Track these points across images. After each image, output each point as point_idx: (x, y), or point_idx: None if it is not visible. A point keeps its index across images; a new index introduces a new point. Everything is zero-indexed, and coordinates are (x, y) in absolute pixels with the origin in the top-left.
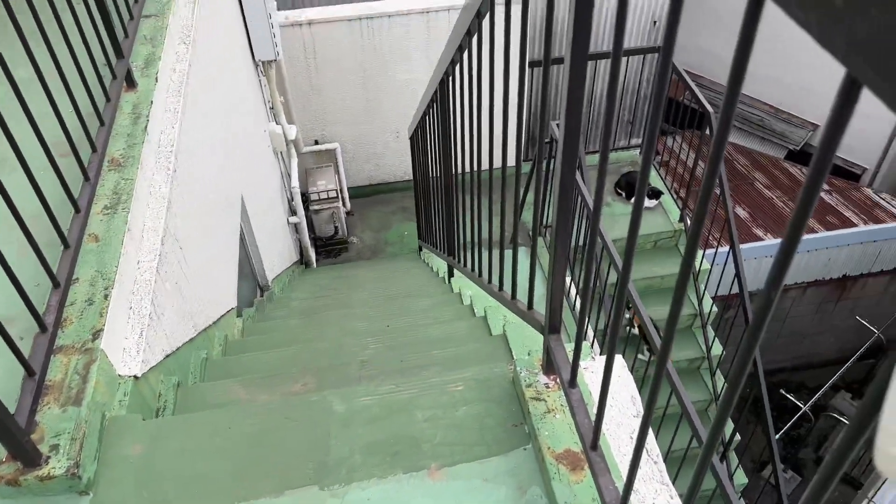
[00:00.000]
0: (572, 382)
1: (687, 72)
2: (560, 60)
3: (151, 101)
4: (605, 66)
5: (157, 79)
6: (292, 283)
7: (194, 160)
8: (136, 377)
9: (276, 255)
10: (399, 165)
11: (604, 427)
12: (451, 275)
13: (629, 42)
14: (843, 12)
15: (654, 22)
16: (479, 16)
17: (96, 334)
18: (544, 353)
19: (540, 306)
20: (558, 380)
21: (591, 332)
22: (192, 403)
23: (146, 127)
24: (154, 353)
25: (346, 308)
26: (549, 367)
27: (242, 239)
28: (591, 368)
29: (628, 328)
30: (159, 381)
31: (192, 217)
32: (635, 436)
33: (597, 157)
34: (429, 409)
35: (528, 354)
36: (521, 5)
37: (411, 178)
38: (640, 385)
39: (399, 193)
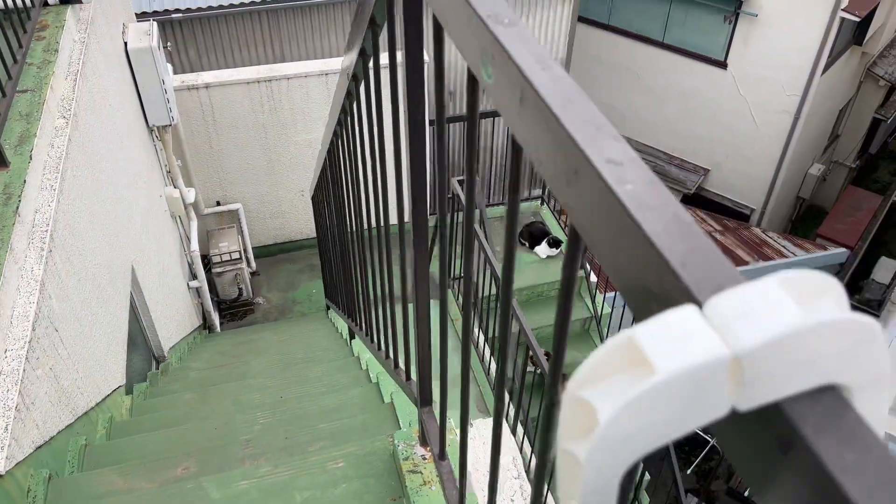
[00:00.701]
0: (441, 455)
1: None
2: (459, 118)
3: (24, 181)
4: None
5: (31, 157)
6: (192, 352)
7: (75, 236)
8: (0, 475)
9: (175, 323)
10: (305, 223)
11: (482, 493)
12: (352, 336)
13: None
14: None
15: None
16: (355, 78)
17: None
18: (419, 425)
19: (452, 353)
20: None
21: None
22: (66, 497)
23: (17, 208)
24: (22, 448)
25: (243, 379)
26: (423, 438)
27: (134, 310)
28: (470, 434)
29: (538, 370)
30: (28, 476)
31: (72, 296)
32: (516, 498)
33: (498, 209)
34: (307, 490)
35: (409, 425)
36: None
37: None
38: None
39: (306, 251)
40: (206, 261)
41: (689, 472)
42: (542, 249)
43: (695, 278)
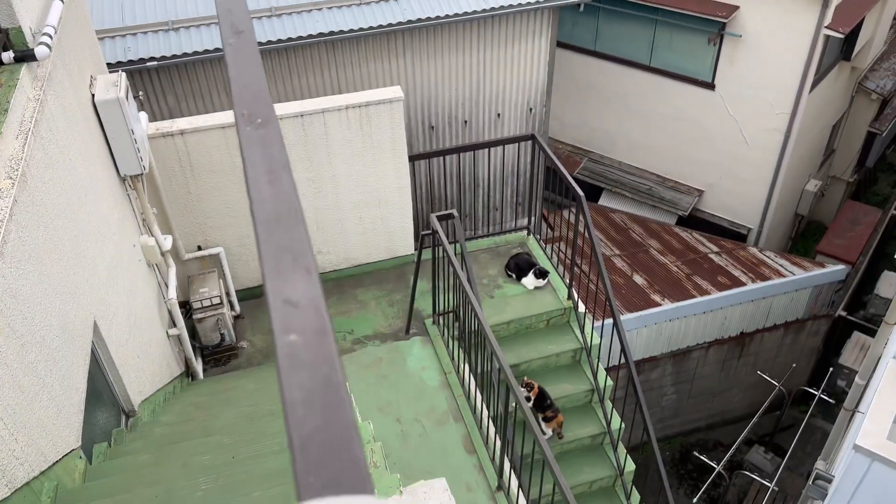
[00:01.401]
0: None
1: (578, 147)
2: (439, 153)
3: None
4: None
5: None
6: (168, 403)
7: (18, 300)
8: None
9: (149, 374)
10: None
11: None
12: None
13: (509, 126)
14: None
15: (531, 109)
16: None
17: None
18: None
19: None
20: None
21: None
22: None
23: None
24: None
25: (204, 435)
26: None
27: (99, 365)
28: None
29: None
30: None
31: (11, 363)
32: None
33: (485, 241)
34: None
35: None
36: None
37: None
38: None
39: None
40: (188, 307)
41: (695, 500)
42: (529, 281)
43: (304, 467)
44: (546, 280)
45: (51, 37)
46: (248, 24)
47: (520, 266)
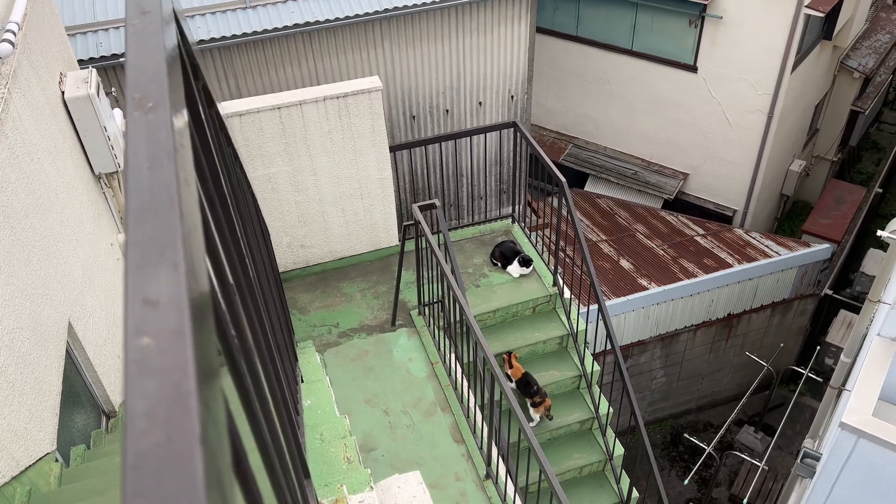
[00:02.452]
0: None
1: (563, 134)
2: (421, 143)
3: None
4: (474, 141)
5: None
6: None
7: None
8: None
9: None
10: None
11: None
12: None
13: (491, 114)
14: None
15: (512, 96)
16: None
17: None
18: None
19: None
20: None
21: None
22: None
23: None
24: None
25: None
26: None
27: (77, 367)
28: (366, 501)
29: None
30: None
31: None
32: None
33: (469, 230)
34: None
35: (326, 485)
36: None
37: (288, 270)
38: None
39: None
40: None
41: (686, 481)
42: (514, 269)
43: (134, 488)
44: (531, 268)
45: (14, 33)
46: (155, 5)
47: (504, 254)
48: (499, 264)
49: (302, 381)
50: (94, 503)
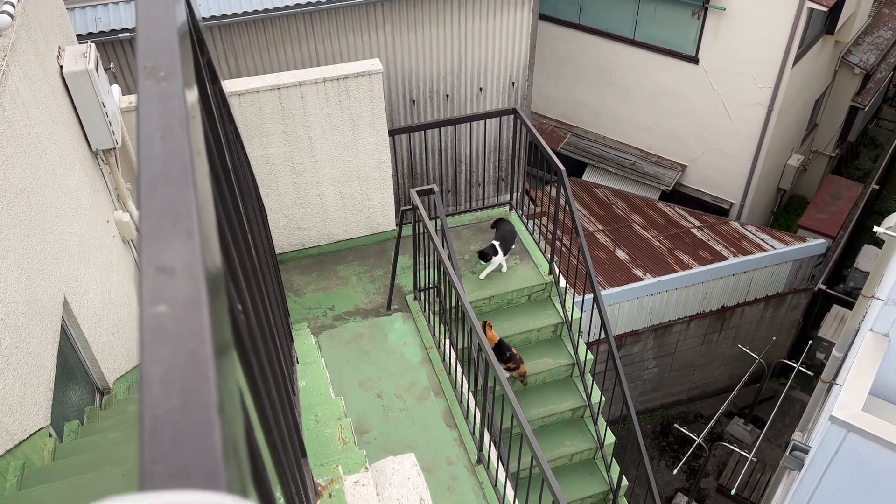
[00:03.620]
0: None
1: (562, 122)
2: (421, 127)
3: None
4: (474, 127)
5: None
6: None
7: None
8: None
9: (125, 351)
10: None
11: None
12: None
13: (491, 101)
14: None
15: (513, 83)
16: None
17: None
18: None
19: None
20: None
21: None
22: None
23: None
24: None
25: None
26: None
27: (71, 342)
28: (361, 481)
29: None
30: None
31: None
32: None
33: (467, 216)
34: None
35: (322, 465)
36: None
37: (284, 252)
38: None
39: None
40: None
41: (675, 471)
42: (499, 259)
43: (152, 453)
44: (489, 261)
45: (13, 5)
46: None
47: (505, 238)
48: (489, 256)
49: (297, 363)
50: (88, 478)
